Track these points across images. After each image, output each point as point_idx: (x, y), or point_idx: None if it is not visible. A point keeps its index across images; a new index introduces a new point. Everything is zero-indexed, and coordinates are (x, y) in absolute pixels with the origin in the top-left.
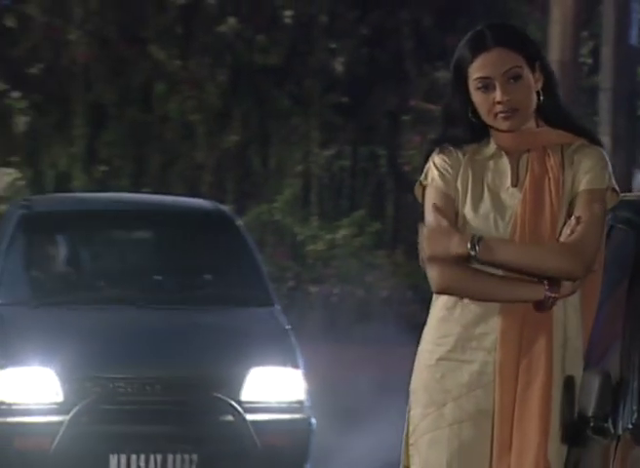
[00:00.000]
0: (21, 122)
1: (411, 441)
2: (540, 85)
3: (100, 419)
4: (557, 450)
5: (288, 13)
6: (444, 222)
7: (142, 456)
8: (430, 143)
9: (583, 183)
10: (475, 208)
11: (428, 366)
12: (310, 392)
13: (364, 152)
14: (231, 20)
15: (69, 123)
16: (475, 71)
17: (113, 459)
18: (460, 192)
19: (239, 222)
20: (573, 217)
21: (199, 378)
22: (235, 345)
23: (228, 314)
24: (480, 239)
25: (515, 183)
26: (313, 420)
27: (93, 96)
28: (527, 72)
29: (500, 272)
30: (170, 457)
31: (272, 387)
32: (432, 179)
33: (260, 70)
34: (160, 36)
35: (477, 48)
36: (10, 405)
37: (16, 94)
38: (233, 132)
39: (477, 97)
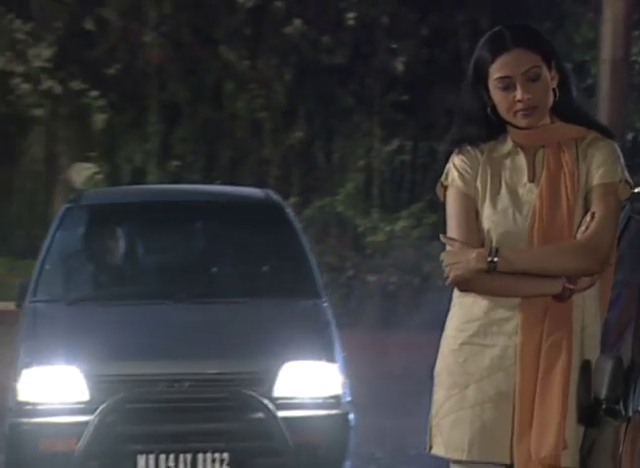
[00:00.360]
0: (99, 119)
1: (434, 422)
2: (555, 83)
3: (127, 418)
4: (574, 431)
5: (351, 15)
6: (456, 245)
7: (172, 456)
8: (449, 144)
9: (597, 178)
10: (494, 204)
11: (452, 350)
12: (363, 378)
13: (423, 148)
14: (297, 22)
15: (144, 120)
16: (496, 71)
17: (141, 460)
18: (480, 190)
19: (290, 212)
20: (588, 213)
21: (229, 375)
22: (270, 339)
23: (269, 306)
24: (497, 251)
25: (532, 179)
26: (351, 416)
27: (166, 94)
28: (545, 71)
29: None
30: (200, 456)
31: (306, 382)
32: (452, 180)
33: (324, 70)
34: (230, 37)
35: (498, 48)
36: (35, 405)
37: (94, 93)
38: (299, 128)
39: (497, 95)
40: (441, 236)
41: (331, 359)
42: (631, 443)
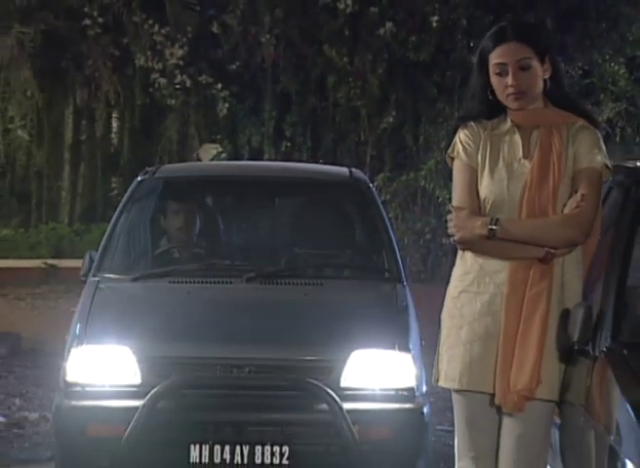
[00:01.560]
0: (223, 107)
1: (439, 358)
2: (548, 74)
3: (180, 405)
4: (553, 369)
5: (435, 18)
6: (463, 213)
7: (227, 447)
8: (457, 120)
9: (585, 162)
10: (492, 175)
11: (453, 297)
12: (436, 323)
13: None
14: (389, 25)
15: (261, 108)
16: (494, 58)
17: (194, 450)
18: (480, 162)
19: (374, 191)
20: (579, 193)
21: (292, 361)
22: (340, 325)
23: (345, 289)
24: (497, 220)
25: (526, 156)
26: (426, 410)
27: (279, 86)
28: (535, 63)
29: None
30: (258, 449)
31: (376, 373)
32: (458, 153)
33: (411, 65)
34: (332, 38)
35: (498, 39)
36: (84, 386)
37: (219, 85)
38: (390, 114)
39: (494, 79)
40: (450, 205)
41: (404, 348)
42: (597, 377)
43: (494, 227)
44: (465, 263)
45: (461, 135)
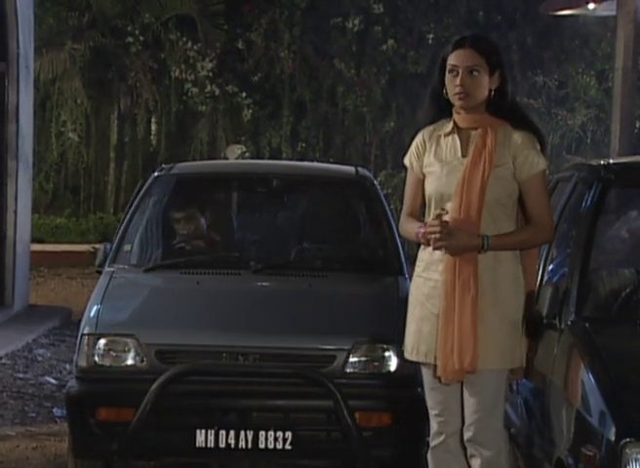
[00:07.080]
0: (247, 113)
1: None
2: (494, 85)
3: (187, 391)
4: (502, 340)
5: (430, 36)
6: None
7: (232, 432)
8: (417, 126)
9: (531, 168)
10: (435, 173)
11: (413, 280)
12: None
13: None
14: (391, 41)
15: (280, 113)
16: (451, 60)
17: (200, 435)
18: (427, 164)
19: (378, 188)
20: (533, 201)
21: (296, 350)
22: (342, 316)
23: (348, 282)
24: (488, 237)
25: (464, 154)
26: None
27: (296, 95)
28: (483, 72)
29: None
30: (262, 434)
31: (376, 362)
32: (410, 162)
33: (410, 76)
34: (341, 53)
35: (457, 45)
36: (94, 372)
37: (243, 94)
38: (391, 119)
39: (448, 78)
40: (440, 214)
41: (403, 338)
42: (562, 346)
43: (487, 246)
44: (421, 252)
45: (412, 146)
